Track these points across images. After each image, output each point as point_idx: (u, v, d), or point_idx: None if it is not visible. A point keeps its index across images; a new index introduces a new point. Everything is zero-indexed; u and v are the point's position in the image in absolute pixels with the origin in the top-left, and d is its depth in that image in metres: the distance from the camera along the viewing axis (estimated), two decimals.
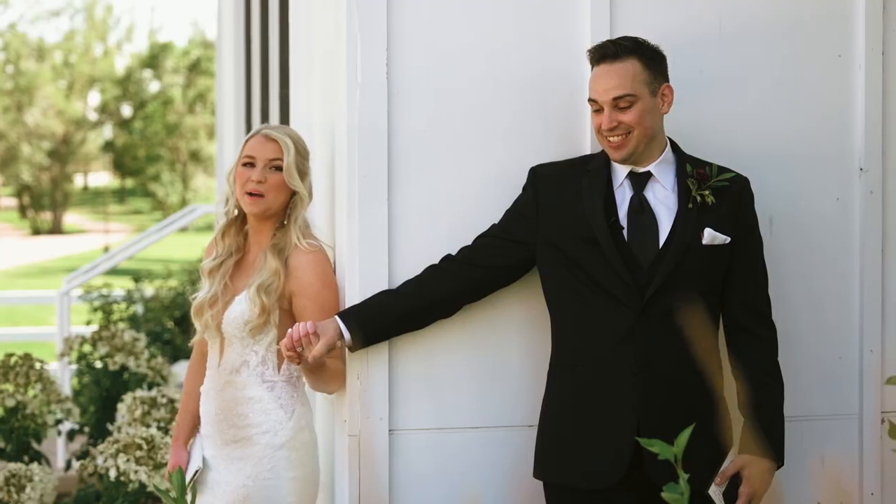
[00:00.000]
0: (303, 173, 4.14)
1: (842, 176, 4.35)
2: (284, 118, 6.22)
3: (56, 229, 53.54)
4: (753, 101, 4.28)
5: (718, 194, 3.91)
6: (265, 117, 7.45)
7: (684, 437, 2.65)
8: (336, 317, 3.95)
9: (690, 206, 3.89)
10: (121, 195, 59.62)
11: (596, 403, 3.89)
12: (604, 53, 3.90)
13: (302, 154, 4.15)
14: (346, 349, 4.02)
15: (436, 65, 4.10)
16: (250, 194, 4.11)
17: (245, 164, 4.14)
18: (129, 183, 57.86)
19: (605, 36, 4.06)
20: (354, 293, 4.04)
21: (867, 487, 4.35)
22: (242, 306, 4.08)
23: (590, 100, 3.91)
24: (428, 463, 4.11)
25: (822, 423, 4.35)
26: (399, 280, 4.05)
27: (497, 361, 4.15)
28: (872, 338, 4.35)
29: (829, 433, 4.36)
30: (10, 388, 6.46)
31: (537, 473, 4.03)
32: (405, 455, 4.09)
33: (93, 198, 60.05)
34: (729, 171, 3.96)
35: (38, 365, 6.63)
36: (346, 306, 4.07)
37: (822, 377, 4.35)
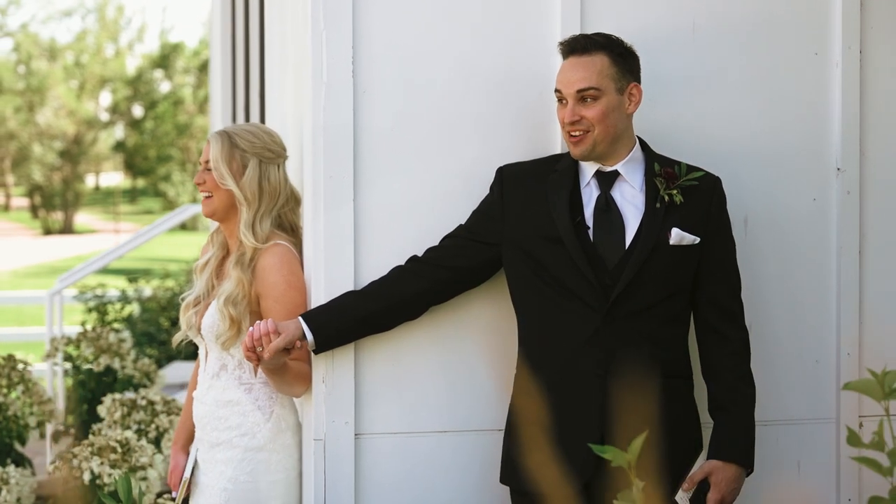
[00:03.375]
0: (238, 168, 4.07)
1: (818, 176, 4.28)
2: (264, 118, 6.17)
3: (67, 229, 53.62)
4: (729, 100, 4.21)
5: (687, 194, 3.85)
6: (248, 117, 7.42)
7: (638, 443, 2.57)
8: (299, 317, 3.89)
9: (658, 205, 3.82)
10: (132, 195, 59.74)
11: (560, 407, 3.82)
12: (573, 46, 3.84)
13: (243, 148, 4.07)
14: (312, 351, 3.96)
15: (403, 63, 4.04)
16: (202, 196, 4.10)
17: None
18: (140, 183, 57.96)
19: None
20: (320, 294, 3.98)
21: (844, 493, 4.28)
22: (214, 317, 4.03)
23: (556, 90, 3.85)
24: (395, 468, 4.04)
25: (798, 427, 4.28)
26: (365, 281, 3.99)
27: (465, 364, 4.08)
28: (850, 340, 4.28)
29: (806, 438, 4.29)
30: None
31: (503, 479, 3.96)
32: (371, 459, 4.03)
33: (104, 198, 60.19)
34: (699, 170, 3.89)
35: (20, 366, 6.59)
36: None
37: (798, 380, 4.28)
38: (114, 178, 62.07)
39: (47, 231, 53.58)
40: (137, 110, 55.71)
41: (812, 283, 4.28)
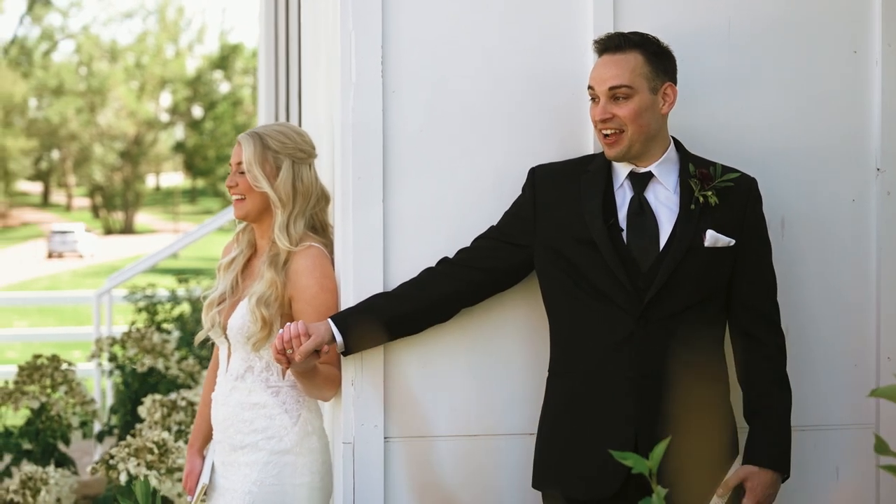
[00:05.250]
0: (272, 170, 4.05)
1: (857, 176, 4.19)
2: (301, 119, 6.15)
3: (128, 229, 54.14)
4: (765, 99, 4.14)
5: (723, 195, 3.78)
6: (288, 118, 7.42)
7: (659, 450, 2.52)
8: (329, 319, 3.86)
9: (692, 207, 3.75)
10: (191, 195, 60.21)
11: (593, 411, 3.77)
12: (607, 44, 3.79)
13: (275, 149, 4.04)
14: (341, 353, 3.93)
15: (433, 63, 3.99)
16: (234, 198, 4.08)
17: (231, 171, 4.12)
18: (200, 183, 58.42)
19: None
20: (349, 296, 3.95)
21: (884, 500, 4.19)
22: (245, 318, 4.00)
23: (589, 87, 3.80)
24: (424, 471, 4.00)
25: (836, 432, 4.20)
26: (395, 283, 3.95)
27: (496, 367, 4.03)
28: (889, 345, 4.19)
29: (845, 443, 4.20)
30: (35, 389, 6.45)
31: (535, 483, 3.91)
32: (401, 463, 3.98)
33: (164, 198, 60.74)
34: (734, 171, 3.82)
35: (64, 366, 6.62)
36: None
37: (837, 385, 4.19)
38: (173, 178, 62.63)
39: (108, 231, 54.12)
40: (197, 111, 56.20)
41: (851, 285, 4.19)
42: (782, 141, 4.14)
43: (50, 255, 44.72)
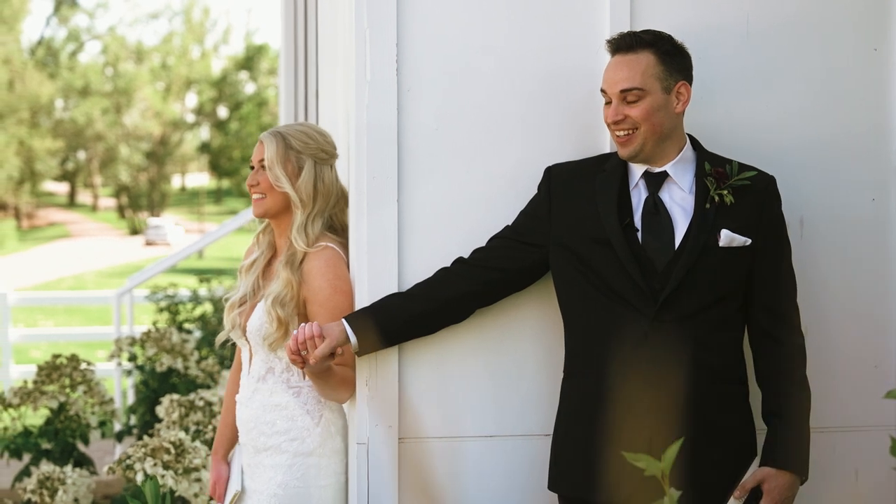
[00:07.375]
0: (294, 170, 4.03)
1: (877, 175, 4.15)
2: (318, 118, 6.13)
3: None
4: (784, 97, 4.09)
5: (739, 194, 3.74)
6: (306, 117, 7.42)
7: (672, 452, 2.48)
8: (343, 319, 3.84)
9: (707, 206, 3.71)
10: (217, 196, 60.33)
11: (608, 413, 3.73)
12: (619, 45, 3.75)
13: (297, 149, 4.04)
14: (355, 353, 3.90)
15: (447, 61, 3.96)
16: (254, 197, 4.07)
17: (251, 168, 4.10)
18: (225, 183, 58.55)
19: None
20: (363, 296, 3.92)
21: None
22: (262, 319, 3.99)
23: (601, 90, 3.77)
24: (439, 473, 3.97)
25: (856, 434, 4.15)
26: (409, 283, 3.93)
27: (512, 367, 4.00)
28: None
29: (864, 445, 4.16)
30: (54, 388, 6.45)
31: (551, 485, 3.88)
32: (415, 464, 3.96)
33: (189, 198, 60.90)
34: (752, 169, 3.78)
35: (83, 366, 6.61)
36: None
37: (856, 386, 4.15)
38: (199, 178, 62.84)
39: (134, 231, 54.33)
40: (222, 111, 56.33)
41: (871, 285, 4.15)
42: (801, 139, 4.10)
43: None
